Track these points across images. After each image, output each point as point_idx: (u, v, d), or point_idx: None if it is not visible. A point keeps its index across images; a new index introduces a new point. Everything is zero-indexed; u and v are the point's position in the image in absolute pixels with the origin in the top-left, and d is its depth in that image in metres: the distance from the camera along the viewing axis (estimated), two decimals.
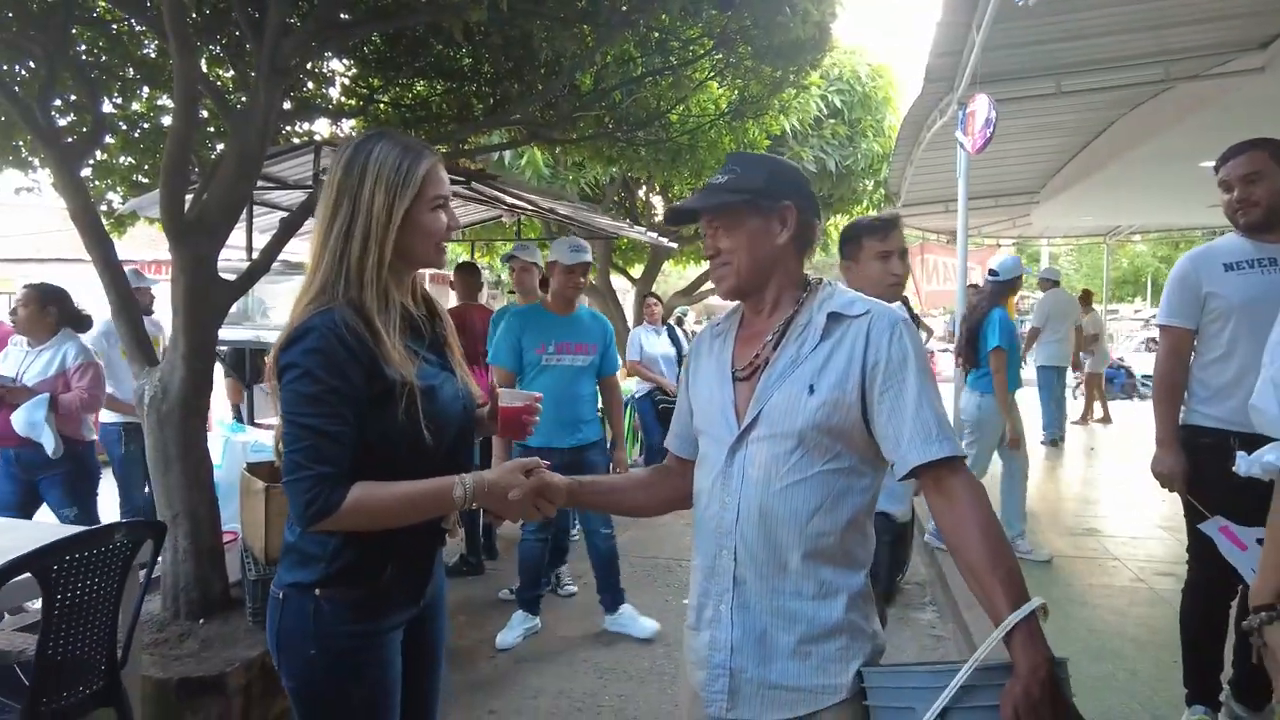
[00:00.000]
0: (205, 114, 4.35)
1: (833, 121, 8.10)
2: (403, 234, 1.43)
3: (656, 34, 4.46)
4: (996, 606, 1.17)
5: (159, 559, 3.19)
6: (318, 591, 1.40)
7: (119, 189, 4.71)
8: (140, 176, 4.76)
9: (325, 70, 4.98)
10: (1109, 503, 6.19)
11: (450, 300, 5.33)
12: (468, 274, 5.28)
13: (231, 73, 4.61)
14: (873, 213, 10.78)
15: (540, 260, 4.81)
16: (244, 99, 3.52)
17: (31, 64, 3.71)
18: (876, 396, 1.30)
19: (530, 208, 5.87)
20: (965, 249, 5.44)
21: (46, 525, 3.45)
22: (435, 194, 1.47)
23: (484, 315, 5.12)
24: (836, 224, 11.42)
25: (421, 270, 1.60)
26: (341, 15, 3.66)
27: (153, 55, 4.23)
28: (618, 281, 11.34)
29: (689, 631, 1.46)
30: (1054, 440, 8.34)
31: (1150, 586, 4.22)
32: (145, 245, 11.13)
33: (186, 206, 3.17)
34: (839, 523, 1.32)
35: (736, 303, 1.55)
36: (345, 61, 4.94)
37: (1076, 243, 20.64)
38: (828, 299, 1.40)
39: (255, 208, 4.60)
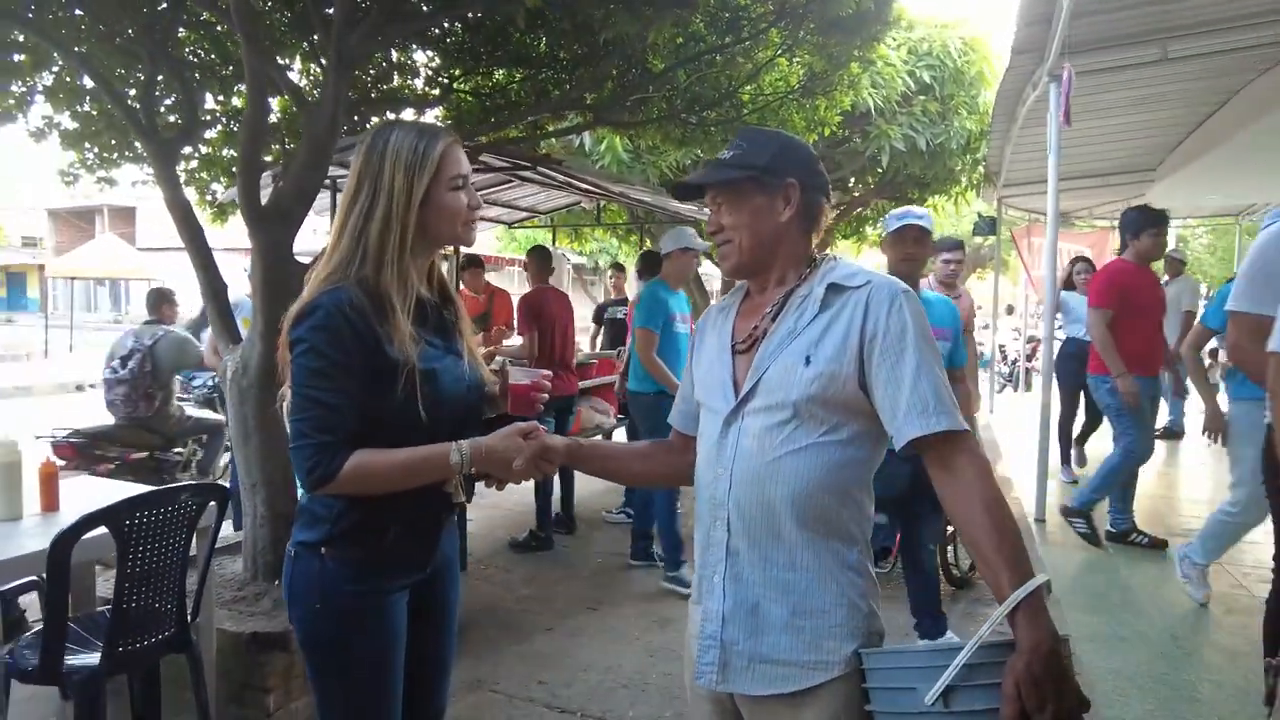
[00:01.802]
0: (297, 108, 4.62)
1: (923, 98, 7.76)
2: (424, 213, 1.49)
3: (726, 14, 4.41)
4: (1000, 583, 1.15)
5: (239, 522, 3.46)
6: (323, 550, 1.49)
7: (221, 179, 5.05)
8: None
9: (409, 61, 5.18)
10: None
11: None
12: (540, 257, 5.51)
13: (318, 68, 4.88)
14: (971, 193, 10.41)
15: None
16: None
17: (140, 66, 4.04)
18: (874, 368, 1.28)
19: (599, 191, 5.93)
20: (1055, 229, 5.10)
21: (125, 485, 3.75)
22: (453, 173, 1.52)
23: (559, 297, 5.34)
24: (935, 204, 10.97)
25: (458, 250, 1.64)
26: (415, 5, 3.81)
27: None
28: (705, 266, 11.27)
29: (692, 606, 1.47)
30: (1174, 432, 7.85)
31: (1251, 593, 3.90)
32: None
33: (264, 195, 3.39)
34: (834, 495, 1.30)
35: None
36: (428, 52, 5.13)
37: (1206, 223, 19.05)
38: (829, 272, 1.39)
39: (338, 195, 4.83)
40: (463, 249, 6.22)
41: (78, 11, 3.62)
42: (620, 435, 7.01)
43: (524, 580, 4.41)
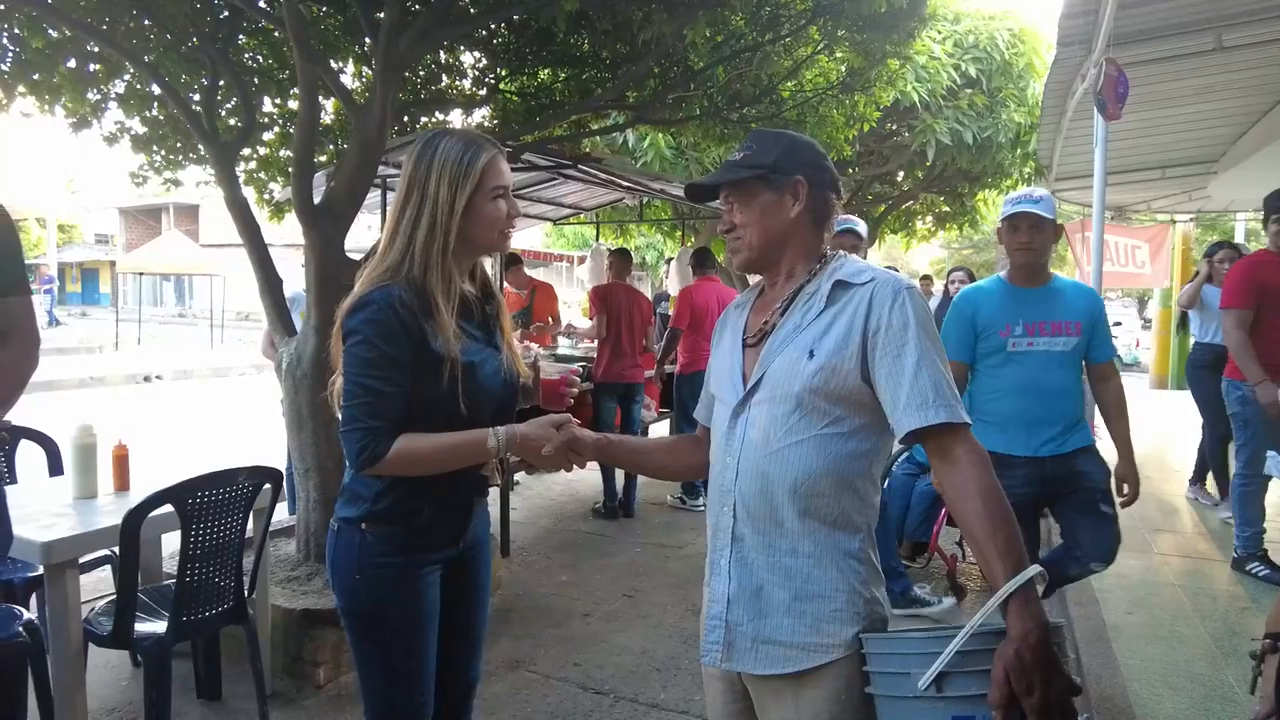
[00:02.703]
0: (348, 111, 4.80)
1: (969, 92, 7.65)
2: (465, 222, 1.60)
3: (766, 9, 4.46)
4: (994, 573, 1.19)
5: (293, 506, 3.65)
6: (363, 526, 1.61)
7: (278, 179, 5.28)
8: None
9: (457, 63, 5.34)
10: None
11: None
12: (620, 258, 5.87)
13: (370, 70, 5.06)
14: (1023, 187, 10.20)
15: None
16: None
17: (203, 73, 4.25)
18: (877, 362, 1.33)
19: (640, 188, 6.02)
20: (1101, 225, 5.01)
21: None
22: (495, 184, 1.62)
23: (629, 291, 5.68)
24: (984, 198, 10.80)
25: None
26: (463, 7, 3.94)
27: None
28: None
29: (705, 588, 1.55)
30: None
31: None
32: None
33: (317, 194, 3.56)
34: (834, 485, 1.35)
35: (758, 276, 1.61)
36: (475, 53, 5.28)
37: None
38: (838, 269, 1.43)
39: (388, 194, 5.01)
40: (534, 246, 6.57)
41: (147, 22, 3.83)
42: (662, 429, 7.10)
43: (563, 567, 4.53)
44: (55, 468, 3.29)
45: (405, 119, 4.98)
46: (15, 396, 1.80)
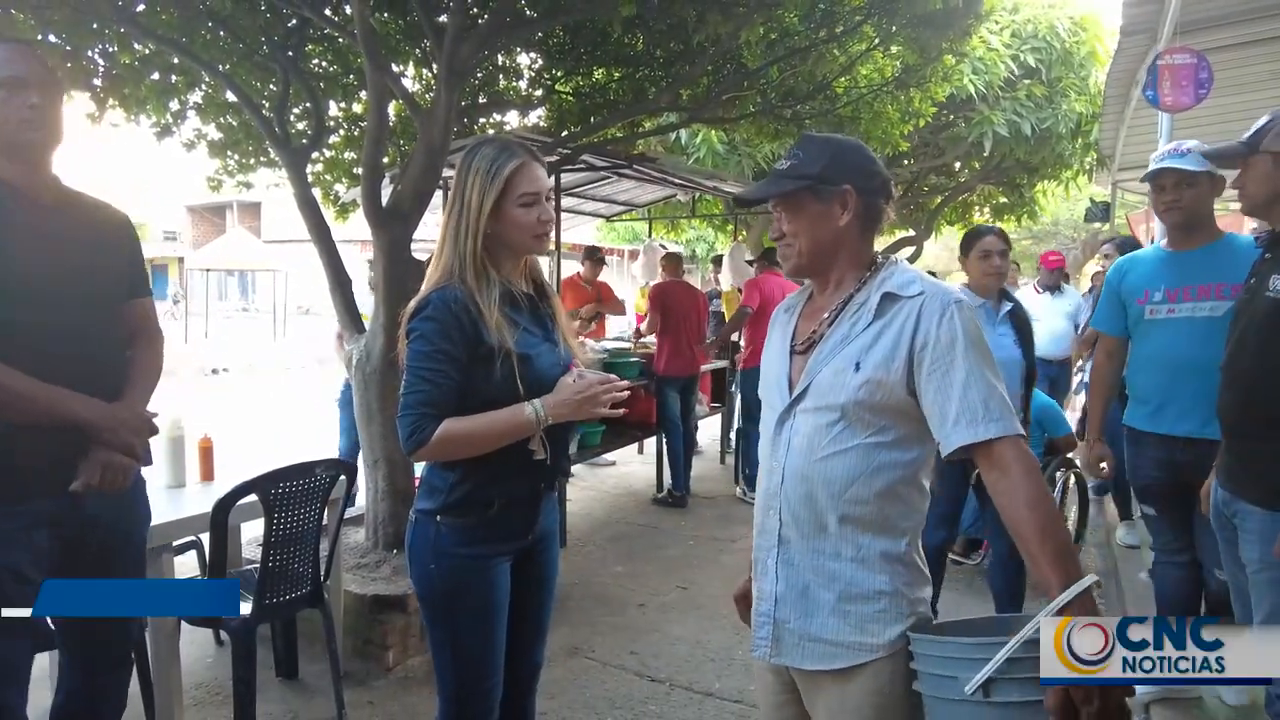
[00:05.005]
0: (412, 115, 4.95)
1: (1028, 82, 7.48)
2: (494, 224, 1.70)
3: (821, 5, 4.46)
4: (1048, 583, 1.20)
5: (363, 496, 3.81)
6: (438, 517, 1.73)
7: (343, 181, 5.47)
8: (360, 169, 5.49)
9: (513, 64, 5.45)
10: None
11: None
12: (673, 260, 6.29)
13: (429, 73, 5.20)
14: (1084, 178, 9.91)
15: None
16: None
17: (274, 80, 4.44)
18: (924, 377, 1.34)
19: (693, 185, 6.08)
20: None
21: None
22: (522, 191, 1.71)
23: (686, 289, 6.00)
24: (1044, 189, 10.54)
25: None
26: (522, 9, 4.04)
27: None
28: None
29: (753, 584, 1.60)
30: None
31: None
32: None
33: (385, 197, 3.70)
34: (877, 493, 1.38)
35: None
36: (531, 54, 5.39)
37: None
38: (887, 279, 1.44)
39: (449, 195, 5.16)
40: (587, 242, 6.87)
41: (222, 34, 4.02)
42: (714, 423, 7.15)
43: (618, 558, 4.63)
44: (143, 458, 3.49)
45: (465, 121, 5.11)
46: (154, 388, 2.01)
